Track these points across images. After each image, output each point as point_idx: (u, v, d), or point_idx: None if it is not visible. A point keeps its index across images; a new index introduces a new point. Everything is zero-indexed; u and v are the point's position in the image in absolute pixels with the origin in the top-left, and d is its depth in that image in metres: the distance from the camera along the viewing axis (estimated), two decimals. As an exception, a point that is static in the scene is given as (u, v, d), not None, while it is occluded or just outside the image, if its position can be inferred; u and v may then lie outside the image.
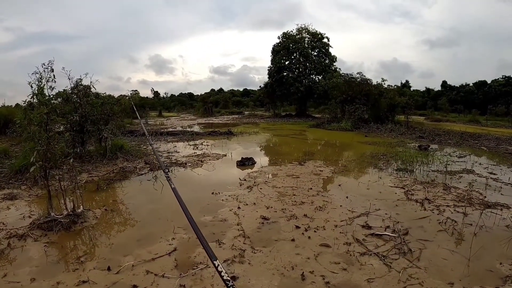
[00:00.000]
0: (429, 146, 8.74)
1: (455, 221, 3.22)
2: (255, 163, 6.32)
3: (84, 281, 2.12)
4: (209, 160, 6.70)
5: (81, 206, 3.30)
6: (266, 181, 4.90)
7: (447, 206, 3.68)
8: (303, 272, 2.24)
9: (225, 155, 7.36)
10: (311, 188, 4.50)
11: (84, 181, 4.77)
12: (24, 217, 3.31)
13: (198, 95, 51.84)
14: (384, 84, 17.96)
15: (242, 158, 6.39)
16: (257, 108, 42.03)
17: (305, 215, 3.40)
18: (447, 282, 2.13)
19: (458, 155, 7.46)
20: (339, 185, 4.72)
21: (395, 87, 22.69)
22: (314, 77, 28.18)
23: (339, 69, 27.51)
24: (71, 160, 3.43)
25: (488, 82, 41.38)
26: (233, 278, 2.17)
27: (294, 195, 4.16)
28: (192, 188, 4.61)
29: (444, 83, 48.03)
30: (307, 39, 28.09)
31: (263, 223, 3.20)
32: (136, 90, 38.55)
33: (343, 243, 2.73)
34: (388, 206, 3.71)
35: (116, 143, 6.81)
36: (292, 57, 28.20)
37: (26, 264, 2.37)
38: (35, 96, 3.46)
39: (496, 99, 35.86)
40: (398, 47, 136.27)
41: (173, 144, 9.32)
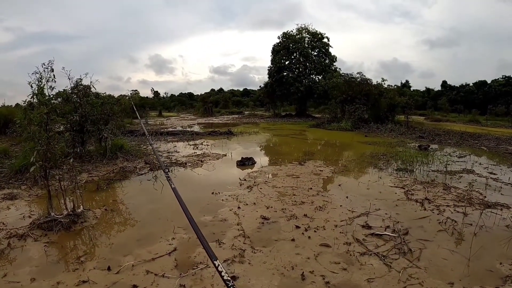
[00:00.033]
0: (429, 146, 8.74)
1: (455, 221, 3.22)
2: (255, 163, 6.32)
3: (84, 281, 2.12)
4: (209, 160, 6.70)
5: (81, 206, 3.30)
6: (266, 181, 4.90)
7: (447, 206, 3.68)
8: (303, 272, 2.24)
9: (225, 155, 7.36)
10: (311, 188, 4.50)
11: (84, 181, 4.78)
12: (24, 217, 3.31)
13: (198, 95, 51.90)
14: (384, 84, 17.98)
15: (242, 158, 6.39)
16: (257, 108, 42.05)
17: (305, 215, 3.40)
18: (447, 282, 2.13)
19: (458, 155, 7.46)
20: (339, 185, 4.72)
21: (395, 87, 22.65)
22: (314, 77, 28.20)
23: (339, 69, 27.58)
24: (71, 160, 3.44)
25: (488, 82, 41.44)
26: (233, 278, 2.17)
27: (294, 195, 4.15)
28: (192, 188, 4.61)
29: (444, 83, 48.08)
30: (307, 39, 28.09)
31: (263, 223, 3.20)
32: (136, 90, 38.66)
33: (343, 243, 2.73)
34: (388, 206, 3.71)
35: (116, 143, 6.81)
36: (292, 57, 28.21)
37: (26, 264, 2.37)
38: (35, 96, 3.46)
39: (496, 99, 35.87)
40: (398, 47, 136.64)
41: (173, 144, 9.32)
